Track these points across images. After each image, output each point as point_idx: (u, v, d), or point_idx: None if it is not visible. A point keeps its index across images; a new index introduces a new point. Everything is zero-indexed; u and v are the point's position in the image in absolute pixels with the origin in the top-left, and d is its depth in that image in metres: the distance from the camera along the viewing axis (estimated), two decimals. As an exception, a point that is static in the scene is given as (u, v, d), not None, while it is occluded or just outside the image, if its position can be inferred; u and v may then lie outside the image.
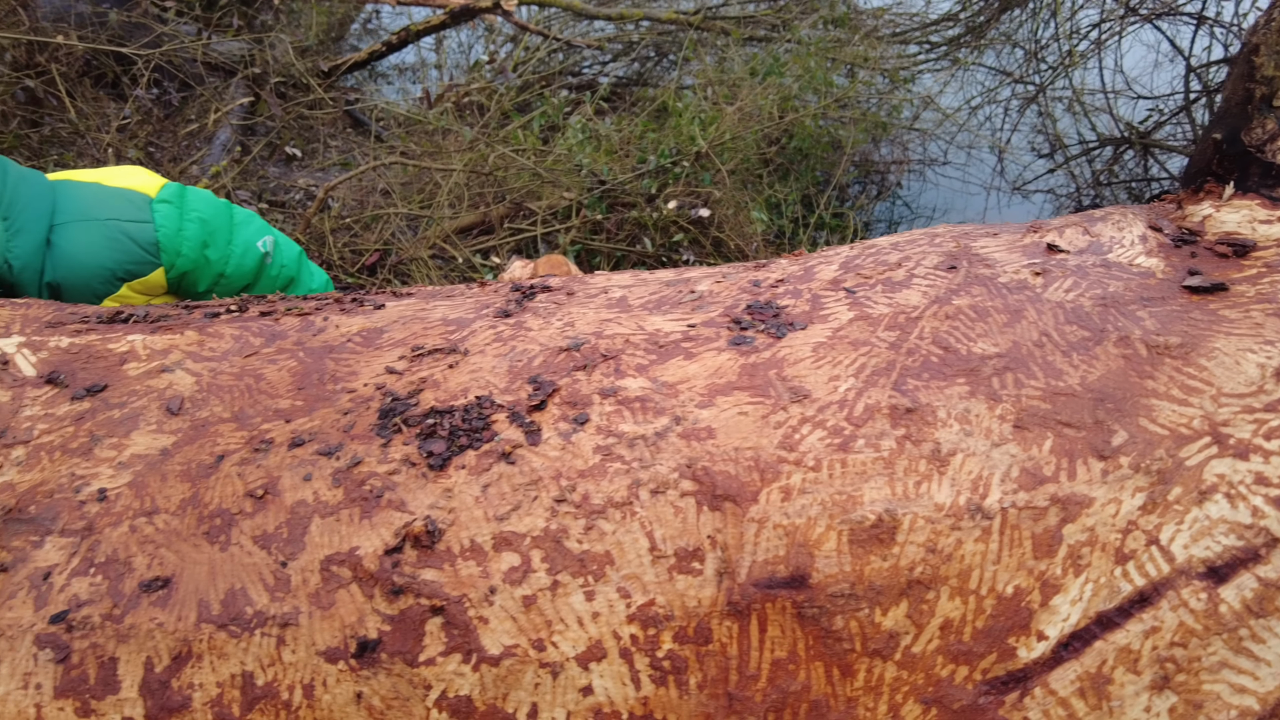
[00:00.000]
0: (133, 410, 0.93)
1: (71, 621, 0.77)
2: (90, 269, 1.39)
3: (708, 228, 3.70)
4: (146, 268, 1.43)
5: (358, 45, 7.21)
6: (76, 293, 1.39)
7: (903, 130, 5.59)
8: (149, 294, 1.48)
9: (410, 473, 0.80)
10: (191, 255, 1.47)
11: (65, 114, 3.35)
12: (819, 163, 4.60)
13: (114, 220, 1.41)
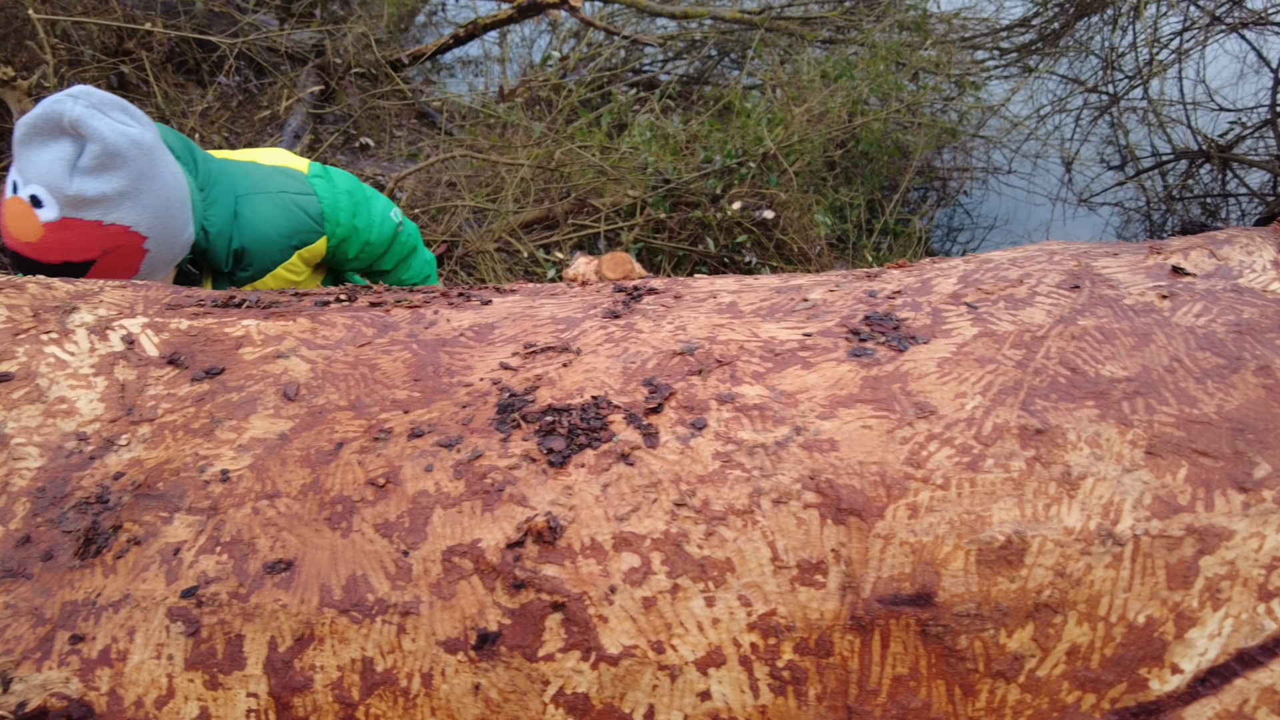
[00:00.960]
0: (250, 394, 0.96)
1: (201, 597, 0.79)
2: (270, 237, 1.50)
3: (771, 230, 3.68)
4: (314, 236, 1.54)
5: (419, 37, 7.31)
6: (258, 258, 1.50)
7: (966, 137, 5.50)
8: (311, 262, 1.60)
9: (531, 468, 0.81)
10: (346, 224, 1.58)
11: (153, 98, 3.45)
12: (884, 168, 4.54)
13: (285, 193, 1.51)
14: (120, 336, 1.02)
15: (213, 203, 1.47)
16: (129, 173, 1.32)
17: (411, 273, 1.79)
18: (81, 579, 0.82)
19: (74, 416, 0.94)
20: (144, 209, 1.35)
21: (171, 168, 1.39)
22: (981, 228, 6.27)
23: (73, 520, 0.86)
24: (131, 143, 1.32)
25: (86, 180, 1.28)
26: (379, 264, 1.73)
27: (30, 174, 1.29)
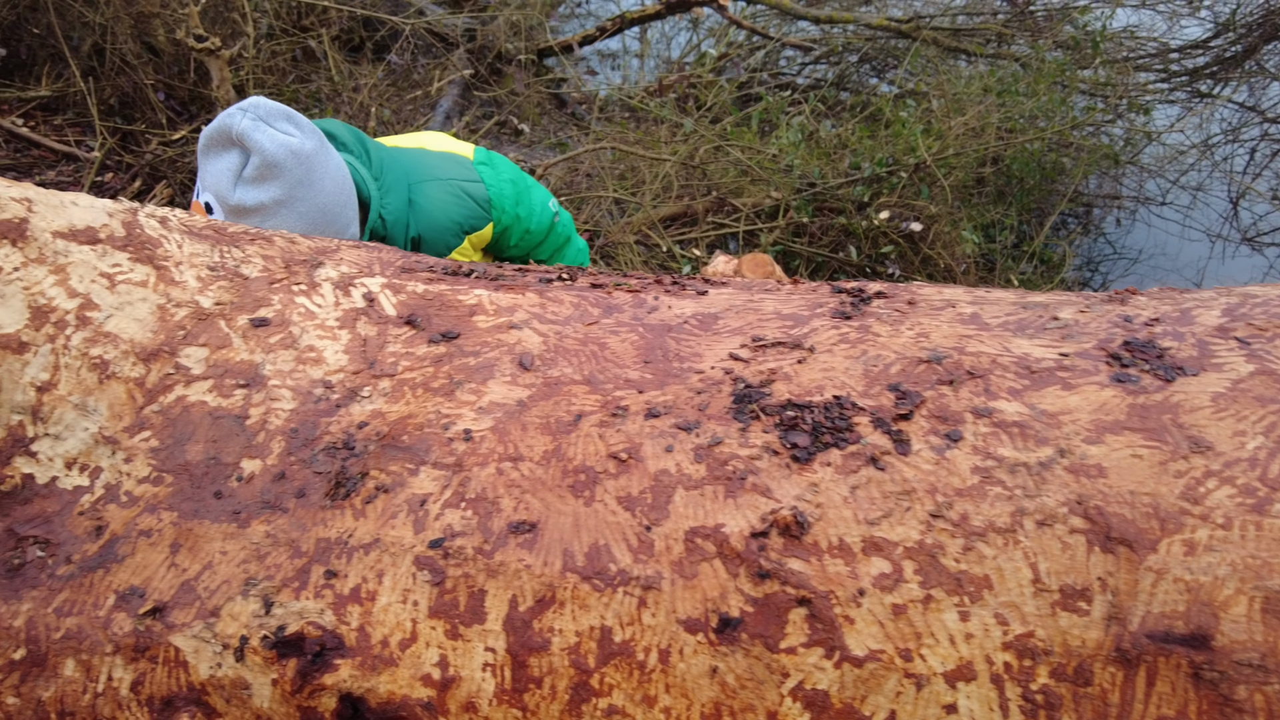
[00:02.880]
0: (486, 360, 0.99)
1: (447, 549, 0.83)
2: (443, 223, 1.54)
3: (917, 243, 3.58)
4: (481, 222, 1.58)
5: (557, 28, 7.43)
6: (432, 246, 1.56)
7: (1127, 164, 5.22)
8: (479, 247, 1.64)
9: (773, 461, 0.81)
10: (510, 211, 1.61)
11: (328, 73, 3.64)
12: (1035, 189, 4.36)
13: (454, 180, 1.54)
14: (361, 294, 1.08)
15: (388, 190, 1.52)
16: (286, 182, 1.38)
17: (564, 261, 1.83)
18: (333, 519, 0.87)
19: (321, 365, 1.00)
20: (299, 215, 1.41)
21: (333, 172, 1.44)
22: (1125, 259, 5.94)
23: (323, 462, 0.92)
24: (290, 153, 1.38)
25: (247, 190, 1.36)
26: (535, 253, 1.77)
27: (206, 183, 1.38)
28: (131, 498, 0.90)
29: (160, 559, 0.87)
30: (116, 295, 0.98)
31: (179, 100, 3.73)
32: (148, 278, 1.01)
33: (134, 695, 0.84)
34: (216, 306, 1.02)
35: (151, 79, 3.60)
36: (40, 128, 3.50)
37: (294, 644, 0.82)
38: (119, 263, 1.00)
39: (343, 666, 0.81)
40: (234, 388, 0.96)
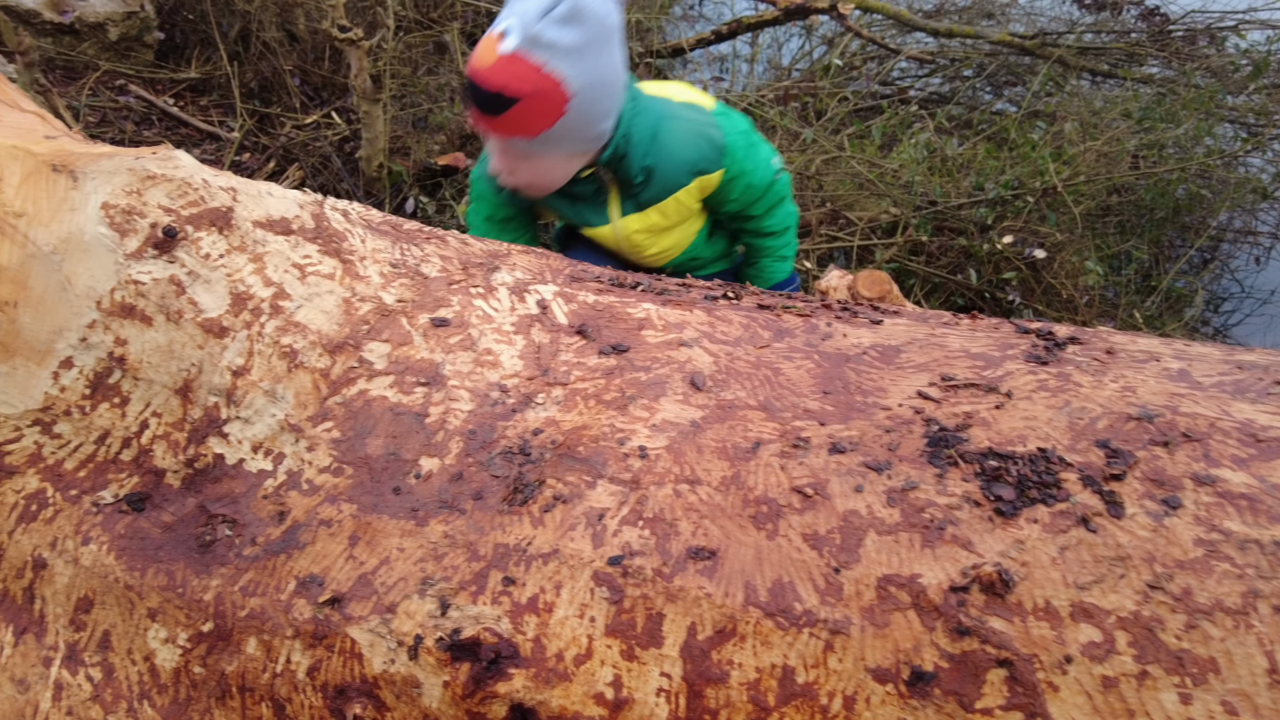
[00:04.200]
0: (658, 376, 0.99)
1: (626, 568, 0.82)
2: (679, 161, 1.58)
3: (1040, 271, 3.44)
4: (713, 167, 1.60)
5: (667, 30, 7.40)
6: (664, 179, 1.59)
7: (1268, 196, 4.91)
8: (702, 194, 1.66)
9: (974, 512, 0.78)
10: (739, 162, 1.63)
11: (456, 67, 3.72)
12: (1166, 221, 4.14)
13: (696, 122, 1.59)
14: (535, 301, 1.09)
15: (637, 115, 1.55)
16: (586, 34, 1.40)
17: (774, 220, 1.81)
18: (511, 524, 0.87)
19: (498, 369, 1.01)
20: (583, 72, 1.42)
21: (619, 56, 1.48)
22: (1252, 298, 5.60)
23: (500, 466, 0.92)
24: (602, 11, 1.41)
25: (550, 26, 1.38)
26: (752, 208, 1.75)
27: (515, 9, 1.41)
28: (313, 486, 0.93)
29: (339, 550, 0.89)
30: (306, 286, 1.01)
31: (312, 86, 3.87)
32: (334, 271, 1.04)
33: (310, 680, 0.87)
34: (399, 304, 1.04)
35: (289, 64, 3.74)
36: (188, 108, 3.68)
37: (469, 648, 0.82)
38: (309, 254, 1.03)
39: (516, 676, 0.81)
40: (414, 385, 0.98)
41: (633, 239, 1.72)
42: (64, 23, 3.61)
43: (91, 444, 0.94)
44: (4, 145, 0.94)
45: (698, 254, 1.85)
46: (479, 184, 1.76)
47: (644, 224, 1.69)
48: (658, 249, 1.76)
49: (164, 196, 0.96)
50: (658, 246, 1.75)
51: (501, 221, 1.77)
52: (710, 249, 1.87)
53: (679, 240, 1.77)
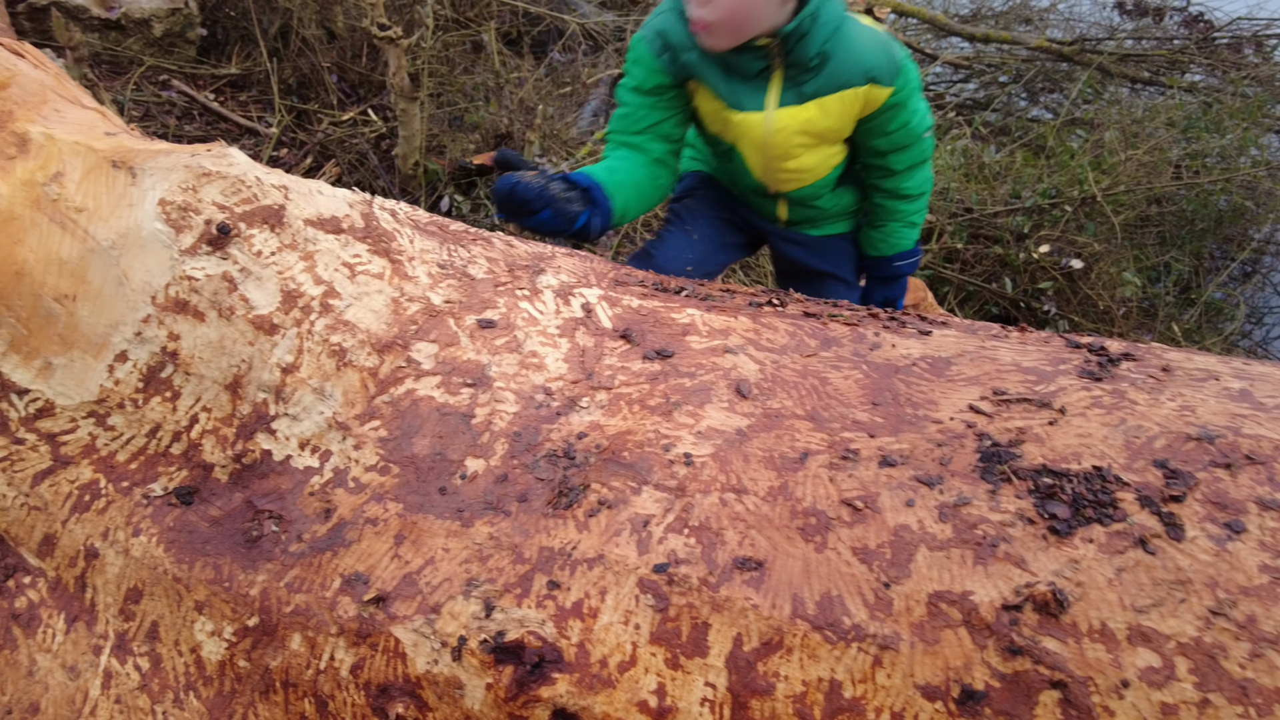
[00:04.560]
0: (703, 383, 0.98)
1: (672, 576, 0.82)
2: (857, 59, 1.56)
3: (1077, 281, 3.39)
4: (887, 79, 1.58)
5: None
6: (837, 70, 1.56)
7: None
8: (862, 111, 1.62)
9: (1028, 530, 0.77)
10: (908, 93, 1.62)
11: (491, 66, 3.74)
12: (1208, 233, 4.07)
13: (880, 33, 1.60)
14: (580, 304, 1.09)
15: (827, 3, 1.54)
16: None
17: (913, 182, 1.78)
18: (555, 528, 0.87)
19: (543, 371, 1.01)
20: None
21: None
22: (1293, 313, 5.49)
23: (545, 469, 0.92)
24: None
25: None
26: (893, 160, 1.73)
27: None
28: (359, 484, 0.93)
29: (385, 549, 0.89)
30: (356, 285, 1.02)
31: (349, 83, 3.90)
32: (384, 270, 1.04)
33: (353, 678, 0.87)
34: (446, 304, 1.05)
35: (327, 61, 3.78)
36: (228, 103, 3.72)
37: (513, 651, 0.83)
38: (359, 254, 1.04)
39: (560, 681, 0.81)
40: (461, 386, 0.98)
41: (781, 137, 1.64)
42: (110, 18, 3.68)
43: (143, 437, 0.95)
44: (67, 141, 0.95)
45: (822, 198, 1.80)
46: (638, 47, 1.66)
47: (799, 120, 1.62)
48: (795, 165, 1.69)
49: (218, 193, 0.97)
50: (796, 162, 1.69)
51: (651, 92, 1.66)
52: (835, 200, 1.84)
53: (817, 164, 1.72)
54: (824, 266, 1.95)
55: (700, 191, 1.95)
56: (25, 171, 0.94)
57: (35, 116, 0.97)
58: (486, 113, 3.51)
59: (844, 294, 2.01)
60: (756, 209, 1.90)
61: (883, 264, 1.93)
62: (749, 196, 1.87)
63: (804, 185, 1.75)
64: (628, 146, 1.67)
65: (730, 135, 1.68)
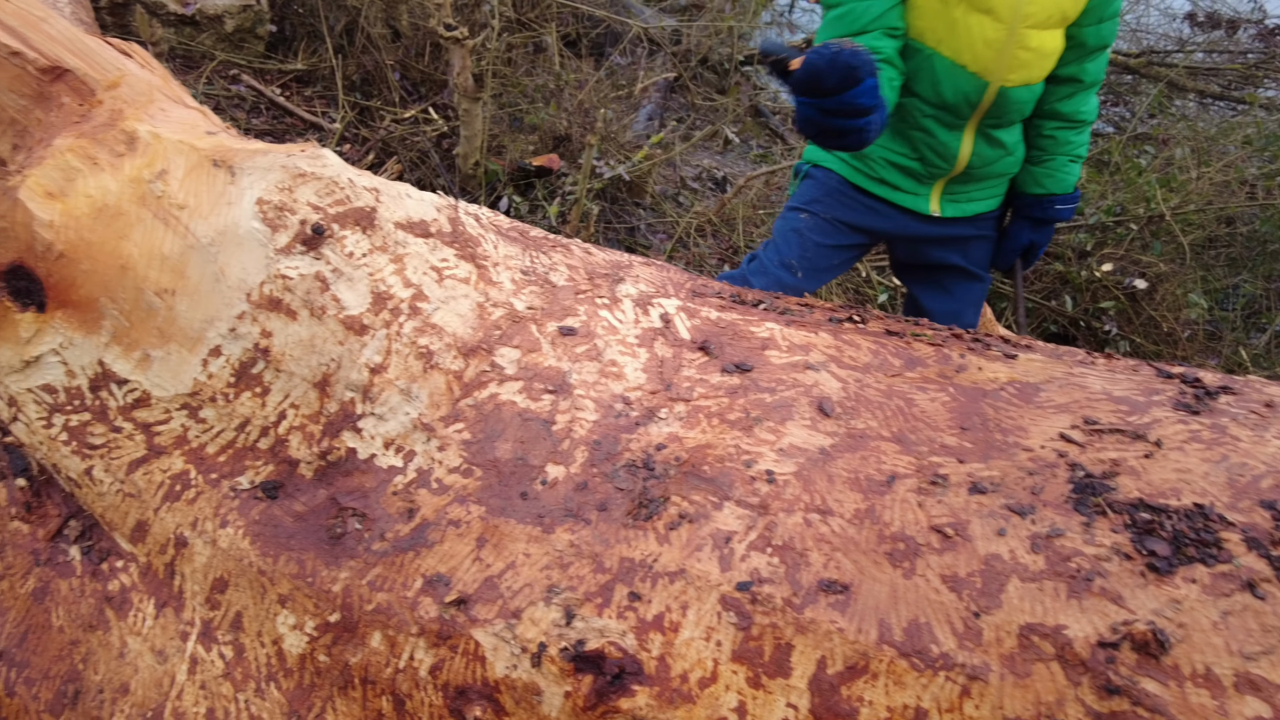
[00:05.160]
0: (783, 399, 0.98)
1: (755, 595, 0.81)
2: None
3: (1140, 301, 3.32)
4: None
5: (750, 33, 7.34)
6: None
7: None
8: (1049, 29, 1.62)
9: (1125, 566, 0.75)
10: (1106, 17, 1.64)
11: (552, 68, 3.77)
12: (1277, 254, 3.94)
13: None
14: (659, 314, 1.09)
15: None
16: None
17: (1088, 107, 1.79)
18: (636, 539, 0.88)
19: (622, 380, 1.01)
20: None
21: None
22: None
23: (624, 479, 0.93)
24: None
25: None
26: (1089, 66, 1.72)
27: None
28: (442, 485, 0.94)
29: (466, 551, 0.90)
30: (443, 289, 1.03)
31: (411, 81, 3.96)
32: (470, 275, 1.06)
33: (431, 679, 0.88)
34: (529, 310, 1.06)
35: (391, 59, 3.84)
36: (294, 98, 3.80)
37: (593, 661, 0.83)
38: (446, 258, 1.05)
39: (640, 694, 0.81)
40: (542, 392, 0.99)
41: (1026, 8, 1.60)
42: (186, 14, 3.78)
43: (232, 430, 0.98)
44: (172, 140, 0.98)
45: (1015, 127, 1.75)
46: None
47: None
48: (1037, 42, 1.63)
49: (313, 194, 0.99)
50: (1042, 35, 1.63)
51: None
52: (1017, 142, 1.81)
53: (1053, 50, 1.66)
54: (953, 259, 1.93)
55: (820, 205, 1.89)
56: (133, 169, 0.97)
57: (143, 115, 1.00)
58: (546, 114, 3.54)
59: (976, 291, 1.98)
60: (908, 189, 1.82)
61: (1044, 204, 1.88)
62: (926, 148, 1.77)
63: (1029, 79, 1.68)
64: None
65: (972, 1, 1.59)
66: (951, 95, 1.70)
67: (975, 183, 1.85)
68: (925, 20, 1.65)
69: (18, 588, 1.00)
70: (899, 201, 1.87)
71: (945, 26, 1.64)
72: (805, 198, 1.93)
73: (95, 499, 1.00)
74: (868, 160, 1.86)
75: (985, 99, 1.70)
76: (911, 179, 1.84)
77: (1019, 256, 2.00)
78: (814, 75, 1.25)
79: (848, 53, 1.23)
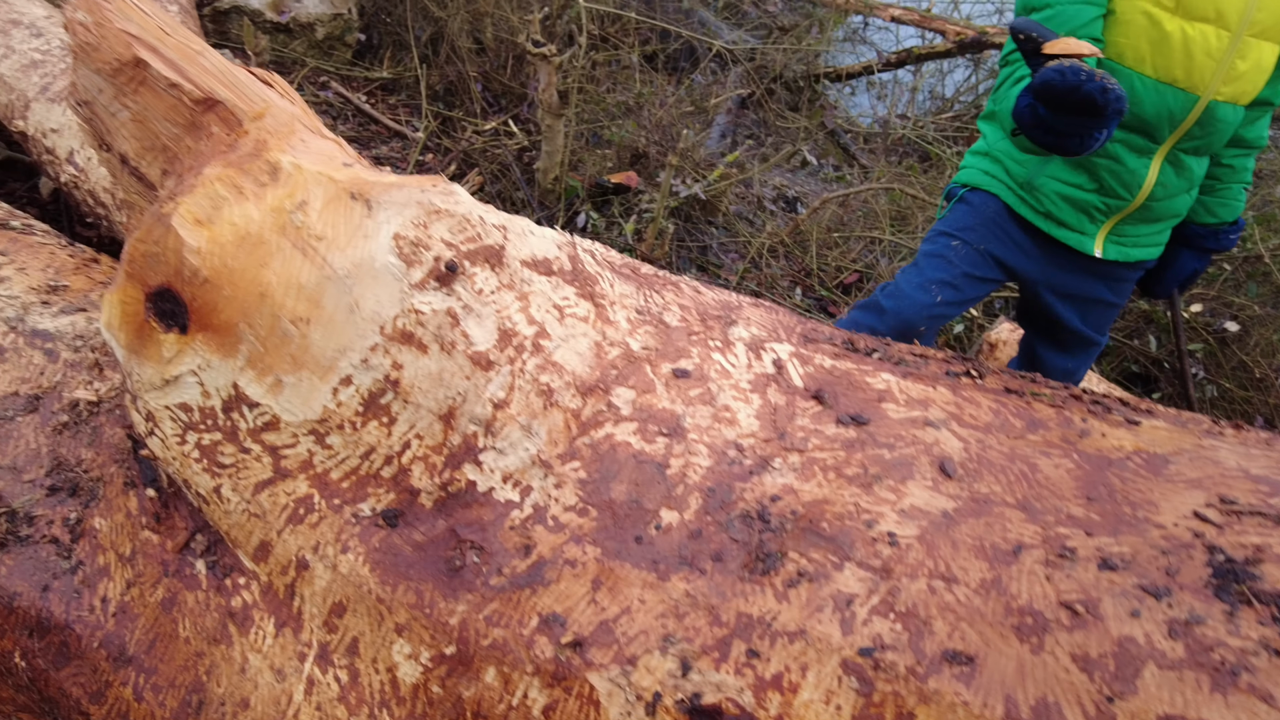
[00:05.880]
0: (903, 456, 0.97)
1: (878, 661, 0.81)
2: None
3: (1231, 345, 3.20)
4: None
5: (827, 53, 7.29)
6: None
7: None
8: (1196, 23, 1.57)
9: (1275, 663, 0.73)
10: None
11: (633, 86, 3.80)
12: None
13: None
14: (771, 360, 1.09)
15: None
16: None
17: (1264, 132, 1.73)
18: (753, 594, 0.88)
19: (735, 426, 1.02)
20: None
21: None
22: None
23: (739, 530, 0.93)
24: None
25: None
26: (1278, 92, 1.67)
27: None
28: (558, 524, 0.96)
29: (582, 592, 0.91)
30: (564, 328, 1.04)
31: (493, 93, 4.03)
32: (589, 314, 1.07)
33: (544, 718, 0.90)
34: (644, 351, 1.07)
35: (474, 71, 3.91)
36: (378, 105, 3.90)
37: (709, 715, 0.83)
38: (568, 296, 1.07)
39: (756, 751, 0.81)
40: (656, 434, 1.00)
41: (1256, 14, 1.53)
42: (281, 22, 3.90)
43: (357, 458, 1.00)
44: (312, 171, 1.01)
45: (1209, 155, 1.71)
46: None
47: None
48: (1257, 54, 1.57)
49: (446, 231, 1.01)
50: (1264, 47, 1.57)
51: None
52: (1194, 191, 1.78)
53: (1270, 65, 1.60)
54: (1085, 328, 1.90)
55: (973, 234, 1.84)
56: (275, 199, 1.00)
57: (285, 146, 1.03)
58: (625, 132, 3.57)
59: (1093, 354, 1.95)
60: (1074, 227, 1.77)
61: (1217, 234, 1.84)
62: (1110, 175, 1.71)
63: (1238, 95, 1.61)
64: None
65: (1196, 8, 1.53)
66: (1153, 114, 1.62)
67: (1147, 224, 1.78)
68: (1129, 38, 1.58)
69: (147, 596, 1.04)
70: (1063, 239, 1.80)
71: (1152, 43, 1.57)
72: (958, 223, 1.87)
73: (222, 516, 1.03)
74: (1037, 192, 1.80)
75: (1190, 116, 1.62)
76: (1083, 215, 1.77)
77: (1178, 285, 1.96)
78: (1051, 93, 1.22)
79: (1097, 86, 1.19)
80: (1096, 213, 1.77)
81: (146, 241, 0.99)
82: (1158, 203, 1.75)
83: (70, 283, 1.52)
